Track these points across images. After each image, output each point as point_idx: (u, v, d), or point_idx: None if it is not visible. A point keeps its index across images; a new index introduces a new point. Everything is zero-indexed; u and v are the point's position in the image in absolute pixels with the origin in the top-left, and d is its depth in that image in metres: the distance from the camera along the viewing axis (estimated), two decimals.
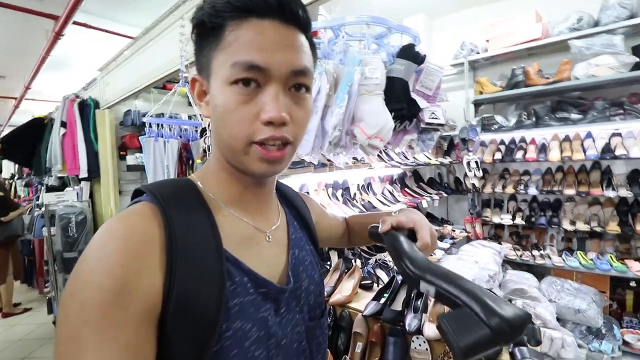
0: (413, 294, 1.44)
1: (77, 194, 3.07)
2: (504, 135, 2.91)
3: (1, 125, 7.47)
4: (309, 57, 0.46)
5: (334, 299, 1.58)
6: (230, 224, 0.47)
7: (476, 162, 2.82)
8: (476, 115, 2.95)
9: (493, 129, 2.83)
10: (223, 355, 0.40)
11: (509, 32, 2.69)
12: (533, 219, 2.73)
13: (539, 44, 2.55)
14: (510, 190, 2.80)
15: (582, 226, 2.50)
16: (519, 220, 2.79)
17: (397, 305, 1.44)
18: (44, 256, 3.49)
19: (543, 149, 2.68)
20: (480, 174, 2.83)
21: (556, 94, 2.63)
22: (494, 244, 2.62)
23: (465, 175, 2.90)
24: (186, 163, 2.14)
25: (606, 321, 2.24)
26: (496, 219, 2.91)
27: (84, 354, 0.32)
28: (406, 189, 2.83)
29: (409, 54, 1.01)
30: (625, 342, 2.17)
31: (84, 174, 2.81)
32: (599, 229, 2.45)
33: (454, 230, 2.86)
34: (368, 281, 1.73)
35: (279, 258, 0.53)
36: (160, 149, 2.07)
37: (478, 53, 2.88)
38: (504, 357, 1.13)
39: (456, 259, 2.20)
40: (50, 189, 3.35)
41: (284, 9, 0.42)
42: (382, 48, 1.09)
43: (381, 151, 2.27)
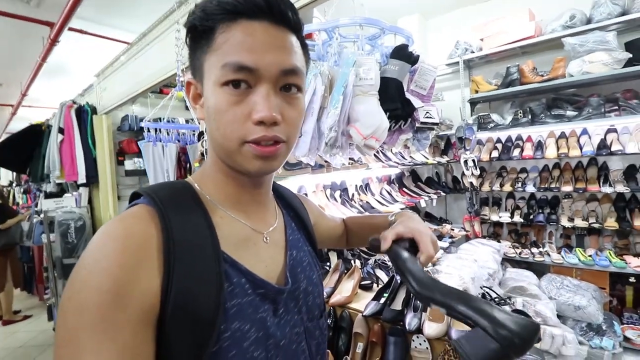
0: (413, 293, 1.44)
1: (76, 199, 3.07)
2: (500, 134, 2.93)
3: None
4: (299, 57, 0.46)
5: (334, 299, 1.58)
6: (228, 225, 0.47)
7: (473, 161, 2.83)
8: (472, 114, 2.96)
9: (489, 127, 2.84)
10: (222, 356, 0.40)
11: (502, 31, 2.71)
12: (531, 217, 2.74)
13: (532, 42, 2.57)
14: (507, 188, 2.81)
15: (580, 223, 2.51)
16: (517, 218, 2.79)
17: (397, 304, 1.44)
18: (43, 263, 3.49)
19: (539, 146, 2.69)
20: (477, 172, 2.84)
21: (551, 91, 2.64)
22: (493, 242, 2.62)
23: (463, 174, 2.91)
24: (184, 166, 2.15)
25: (606, 317, 2.23)
26: (494, 217, 2.91)
27: (83, 355, 0.32)
28: (404, 189, 2.83)
29: (402, 54, 1.02)
30: (626, 338, 2.16)
31: (82, 179, 2.81)
32: (597, 225, 2.45)
33: (452, 229, 2.87)
34: (367, 281, 1.74)
35: (276, 259, 0.53)
36: (159, 153, 2.08)
37: (473, 52, 2.90)
38: None
39: (455, 257, 2.20)
40: (49, 196, 3.35)
41: (273, 10, 0.42)
42: (376, 49, 1.10)
43: (378, 151, 2.28)
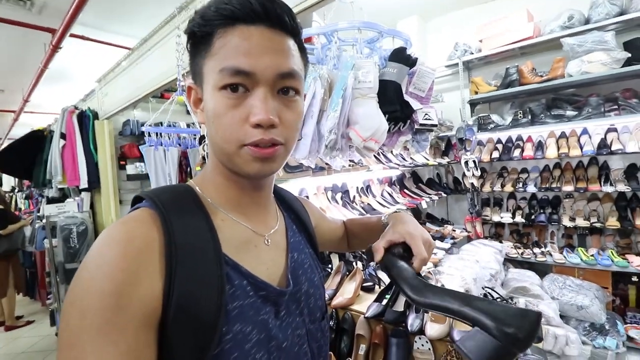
0: None
1: (78, 204, 3.08)
2: (500, 134, 2.93)
3: (0, 138, 7.50)
4: (297, 60, 0.47)
5: (336, 301, 1.58)
6: (229, 227, 0.48)
7: (474, 162, 2.83)
8: (472, 115, 2.97)
9: (489, 128, 2.85)
10: (224, 358, 0.40)
11: (501, 32, 2.72)
12: (533, 217, 2.74)
13: (531, 42, 2.58)
14: (509, 188, 2.81)
15: (581, 222, 2.51)
16: (518, 218, 2.79)
17: (399, 306, 1.44)
18: (45, 268, 3.49)
19: (540, 146, 2.69)
20: (478, 173, 2.84)
21: (550, 91, 2.65)
22: (495, 243, 2.62)
23: (464, 175, 2.91)
24: (185, 170, 2.16)
25: (609, 317, 2.23)
26: (496, 218, 2.91)
27: (86, 359, 0.32)
28: (405, 190, 2.84)
29: (400, 57, 1.03)
30: (630, 338, 2.16)
31: (84, 184, 2.83)
32: (598, 225, 2.45)
33: (454, 230, 2.87)
34: (369, 283, 1.74)
35: (278, 261, 0.53)
36: (160, 157, 2.08)
37: (472, 53, 2.91)
38: None
39: (457, 258, 2.20)
40: (51, 201, 3.37)
41: (269, 15, 0.43)
42: (375, 52, 1.11)
43: (379, 153, 2.28)
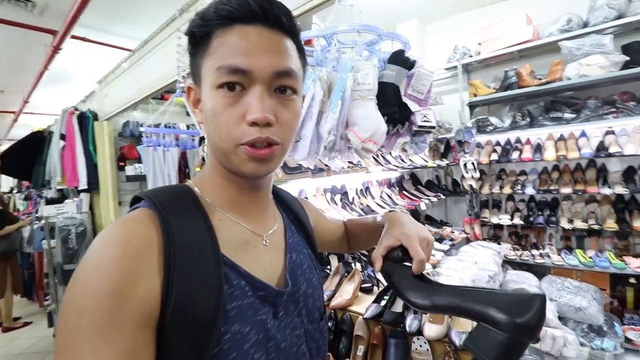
0: None
1: (77, 205, 3.08)
2: (499, 136, 2.95)
3: (0, 139, 7.50)
4: (295, 60, 0.47)
5: (334, 302, 1.59)
6: (227, 228, 0.48)
7: (473, 164, 2.84)
8: (471, 117, 2.99)
9: (488, 130, 2.86)
10: (222, 358, 0.40)
11: (500, 35, 2.74)
12: (531, 219, 2.75)
13: (530, 45, 2.60)
14: (507, 190, 2.82)
15: (580, 224, 2.51)
16: (517, 220, 2.80)
17: (398, 307, 1.44)
18: (44, 269, 3.48)
19: (538, 148, 2.70)
20: (477, 175, 2.85)
21: (549, 94, 2.67)
22: (493, 245, 2.62)
23: (463, 176, 2.92)
24: (183, 171, 2.16)
25: (607, 319, 2.23)
26: (495, 220, 2.92)
27: (83, 359, 0.32)
28: (404, 192, 2.84)
29: (399, 59, 1.04)
30: (627, 339, 2.16)
31: (83, 185, 2.83)
32: (596, 227, 2.46)
33: (453, 232, 2.87)
34: (368, 284, 1.74)
35: (276, 262, 0.53)
36: (159, 158, 2.09)
37: (471, 56, 2.93)
38: None
39: (456, 260, 2.20)
40: (50, 202, 3.36)
41: (267, 15, 0.43)
42: (374, 54, 1.12)
43: (378, 155, 2.29)
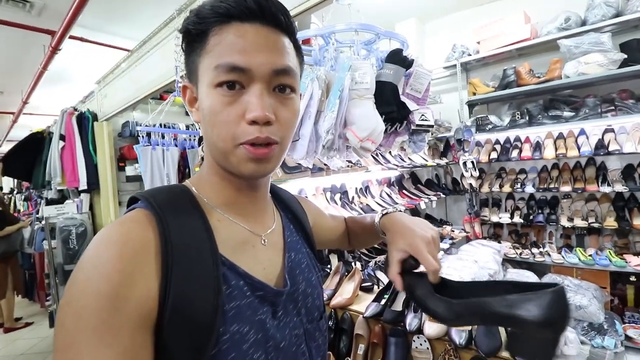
0: None
1: (77, 206, 3.09)
2: (498, 135, 2.94)
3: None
4: (292, 58, 0.47)
5: (334, 301, 1.59)
6: (225, 228, 0.48)
7: (472, 163, 2.84)
8: (470, 116, 2.98)
9: (487, 129, 2.86)
10: (221, 359, 0.40)
11: (499, 34, 2.73)
12: (531, 217, 2.74)
13: (528, 44, 2.59)
14: (507, 189, 2.82)
15: (579, 222, 2.51)
16: (517, 219, 2.80)
17: (398, 305, 1.45)
18: (44, 269, 3.49)
19: (538, 147, 2.70)
20: (476, 174, 2.85)
21: (548, 92, 2.66)
22: (494, 243, 2.62)
23: (462, 175, 2.92)
24: (182, 171, 2.16)
25: (607, 317, 2.23)
26: (494, 218, 2.92)
27: None
28: (404, 191, 2.84)
29: (397, 58, 1.04)
30: (628, 337, 2.16)
31: (83, 186, 2.83)
32: (596, 225, 2.46)
33: (453, 231, 2.88)
34: (368, 283, 1.74)
35: (275, 261, 0.53)
36: (158, 157, 2.07)
37: (470, 55, 2.92)
38: (504, 352, 1.14)
39: (456, 258, 2.20)
40: (50, 202, 3.37)
41: (264, 13, 0.43)
42: (372, 53, 1.12)
43: (377, 154, 2.29)
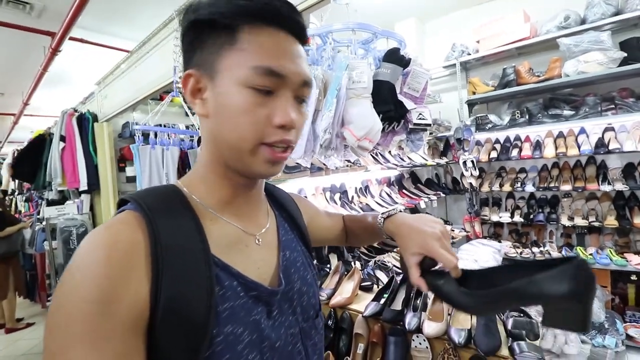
0: (412, 293, 1.45)
1: (78, 206, 3.09)
2: (498, 134, 2.94)
3: (0, 141, 7.53)
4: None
5: (334, 301, 1.59)
6: (218, 228, 0.47)
7: (472, 162, 2.84)
8: (470, 115, 2.98)
9: (487, 128, 2.86)
10: None
11: (498, 33, 2.73)
12: (531, 216, 2.74)
13: (528, 43, 2.59)
14: (507, 188, 2.81)
15: (580, 221, 2.51)
16: (517, 218, 2.79)
17: (397, 305, 1.44)
18: (45, 270, 3.50)
19: (538, 146, 2.70)
20: (476, 173, 2.85)
21: (548, 91, 2.66)
22: (494, 242, 2.62)
23: (462, 175, 2.91)
24: (182, 172, 2.16)
25: (608, 316, 2.23)
26: (495, 218, 2.92)
27: None
28: (404, 191, 2.84)
29: (394, 57, 1.04)
30: (629, 337, 2.16)
31: (84, 186, 2.84)
32: (597, 224, 2.45)
33: (453, 230, 2.88)
34: (368, 282, 1.74)
35: (269, 260, 0.52)
36: (157, 157, 2.05)
37: (469, 54, 2.92)
38: (503, 351, 1.13)
39: None
40: (51, 203, 3.37)
41: (291, 22, 0.45)
42: (369, 53, 1.12)
43: (377, 153, 2.29)
